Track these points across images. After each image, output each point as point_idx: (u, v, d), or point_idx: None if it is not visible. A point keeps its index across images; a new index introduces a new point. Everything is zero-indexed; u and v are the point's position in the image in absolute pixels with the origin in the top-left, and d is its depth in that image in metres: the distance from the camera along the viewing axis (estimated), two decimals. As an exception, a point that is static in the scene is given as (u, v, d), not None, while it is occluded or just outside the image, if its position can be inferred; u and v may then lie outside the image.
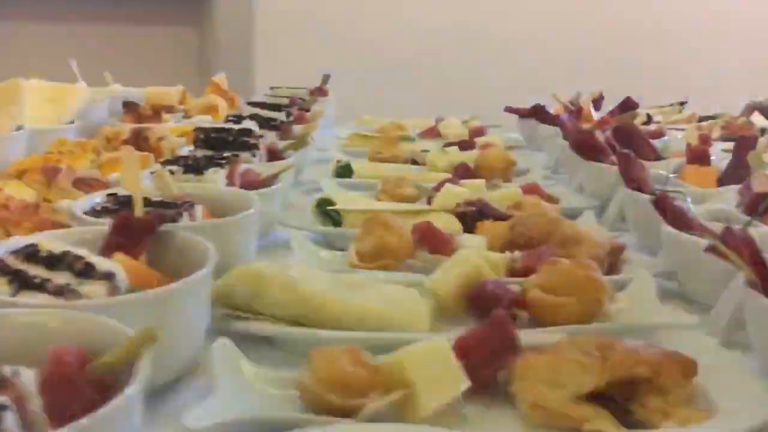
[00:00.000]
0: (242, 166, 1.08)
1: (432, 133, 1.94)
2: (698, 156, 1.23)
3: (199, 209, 0.79)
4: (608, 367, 0.56)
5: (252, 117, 1.51)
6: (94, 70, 1.97)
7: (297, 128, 1.59)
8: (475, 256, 0.77)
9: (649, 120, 1.75)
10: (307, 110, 1.90)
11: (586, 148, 1.28)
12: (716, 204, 0.98)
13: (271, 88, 2.22)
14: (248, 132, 1.21)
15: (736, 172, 1.20)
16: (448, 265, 0.77)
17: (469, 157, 1.47)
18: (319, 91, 2.20)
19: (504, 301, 0.70)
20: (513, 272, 0.83)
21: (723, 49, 3.39)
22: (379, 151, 1.58)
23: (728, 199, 1.03)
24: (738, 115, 2.01)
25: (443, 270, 0.76)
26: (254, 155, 1.15)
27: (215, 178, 0.94)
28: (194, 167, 0.95)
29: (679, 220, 0.85)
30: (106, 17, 3.29)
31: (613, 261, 0.90)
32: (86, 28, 3.26)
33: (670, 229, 0.84)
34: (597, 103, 2.14)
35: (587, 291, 0.71)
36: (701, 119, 1.95)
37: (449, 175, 1.34)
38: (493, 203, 1.09)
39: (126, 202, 0.78)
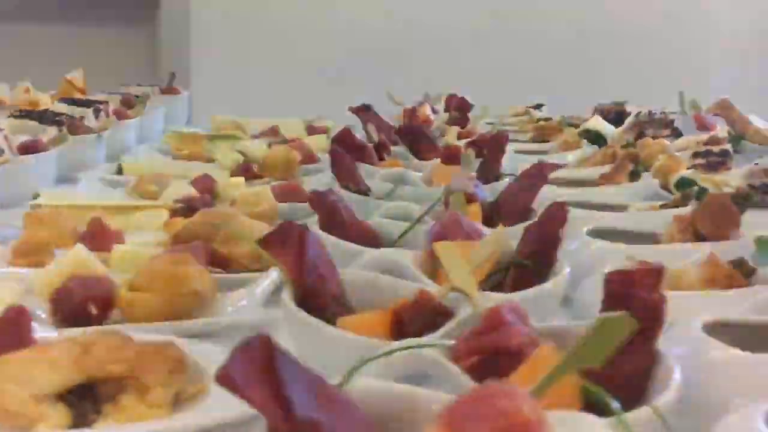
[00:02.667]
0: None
1: (270, 133, 1.92)
2: (451, 156, 1.22)
3: None
4: (82, 365, 0.54)
5: (42, 112, 1.49)
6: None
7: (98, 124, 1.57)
8: (80, 252, 0.74)
9: (460, 121, 1.74)
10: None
11: (346, 146, 1.27)
12: (401, 202, 0.96)
13: (121, 85, 2.20)
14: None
15: (483, 173, 1.20)
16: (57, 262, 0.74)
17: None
18: (169, 90, 2.18)
19: (77, 298, 0.68)
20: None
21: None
22: (180, 149, 1.56)
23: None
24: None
25: (50, 267, 0.74)
26: (-14, 150, 1.13)
27: None
28: None
29: (331, 218, 0.84)
30: (59, 17, 3.30)
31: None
32: (40, 28, 3.29)
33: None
34: (449, 103, 2.14)
35: (170, 286, 0.69)
36: (538, 120, 1.95)
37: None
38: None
39: None
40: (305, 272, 0.61)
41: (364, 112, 1.83)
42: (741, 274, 0.69)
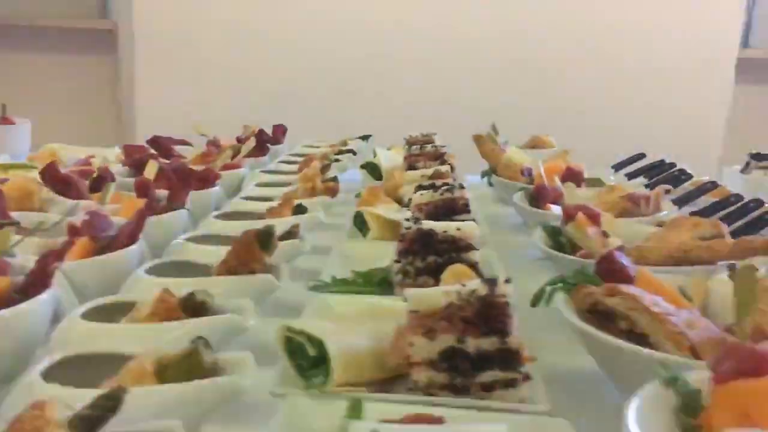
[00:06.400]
0: None
1: (84, 162, 1.98)
2: (141, 189, 1.27)
3: None
4: None
5: None
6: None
7: None
8: None
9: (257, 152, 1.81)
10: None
11: (50, 179, 1.33)
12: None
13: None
14: None
15: (168, 205, 1.26)
16: None
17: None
18: (3, 121, 2.25)
19: None
20: None
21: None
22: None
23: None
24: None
25: None
26: None
27: None
28: None
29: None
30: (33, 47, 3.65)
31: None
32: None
33: None
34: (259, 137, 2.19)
35: None
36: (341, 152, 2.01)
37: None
38: None
39: None
40: None
41: (154, 145, 1.90)
42: (185, 308, 0.74)
